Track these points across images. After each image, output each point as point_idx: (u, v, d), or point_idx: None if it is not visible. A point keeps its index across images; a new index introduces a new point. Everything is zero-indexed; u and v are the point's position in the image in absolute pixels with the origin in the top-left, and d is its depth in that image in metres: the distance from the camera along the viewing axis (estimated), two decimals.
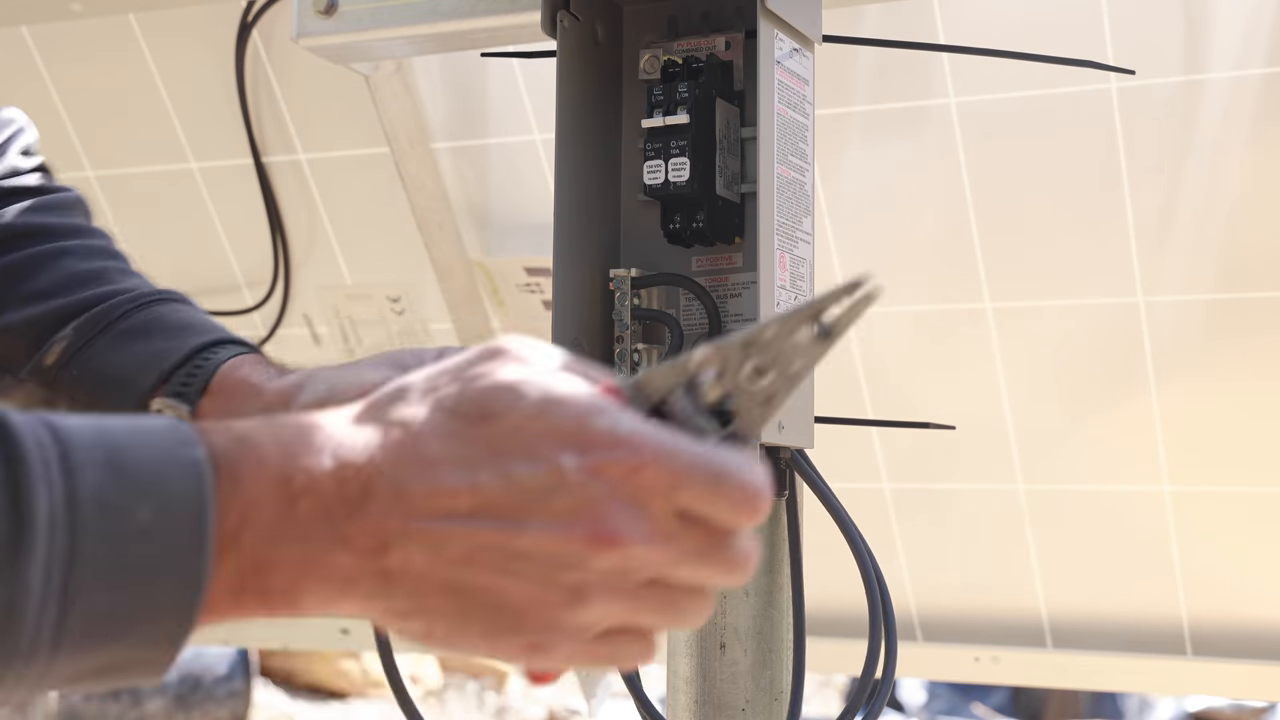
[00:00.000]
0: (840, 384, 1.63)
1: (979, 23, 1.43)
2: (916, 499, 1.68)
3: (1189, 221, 1.46)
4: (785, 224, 0.90)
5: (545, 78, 0.98)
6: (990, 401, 1.59)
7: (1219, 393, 1.52)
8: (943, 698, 3.73)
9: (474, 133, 1.66)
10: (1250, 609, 1.60)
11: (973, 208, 1.51)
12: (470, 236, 1.71)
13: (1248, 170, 1.42)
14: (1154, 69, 1.40)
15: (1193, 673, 1.65)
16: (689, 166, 0.91)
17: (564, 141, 0.95)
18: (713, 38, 0.96)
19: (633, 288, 0.95)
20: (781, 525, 0.93)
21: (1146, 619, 1.64)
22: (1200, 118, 1.41)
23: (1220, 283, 1.47)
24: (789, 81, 0.91)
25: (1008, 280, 1.54)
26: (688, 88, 0.92)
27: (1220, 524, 1.57)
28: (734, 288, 0.95)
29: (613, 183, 0.99)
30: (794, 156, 0.92)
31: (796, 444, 0.90)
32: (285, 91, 1.68)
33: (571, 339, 0.93)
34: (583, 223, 0.96)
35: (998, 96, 1.46)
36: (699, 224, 0.92)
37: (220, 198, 1.77)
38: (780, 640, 0.92)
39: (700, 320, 0.95)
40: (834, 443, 0.99)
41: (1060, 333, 1.56)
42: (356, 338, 1.79)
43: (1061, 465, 1.62)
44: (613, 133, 0.99)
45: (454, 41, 1.20)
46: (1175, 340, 1.51)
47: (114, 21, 1.69)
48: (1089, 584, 1.66)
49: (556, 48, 0.94)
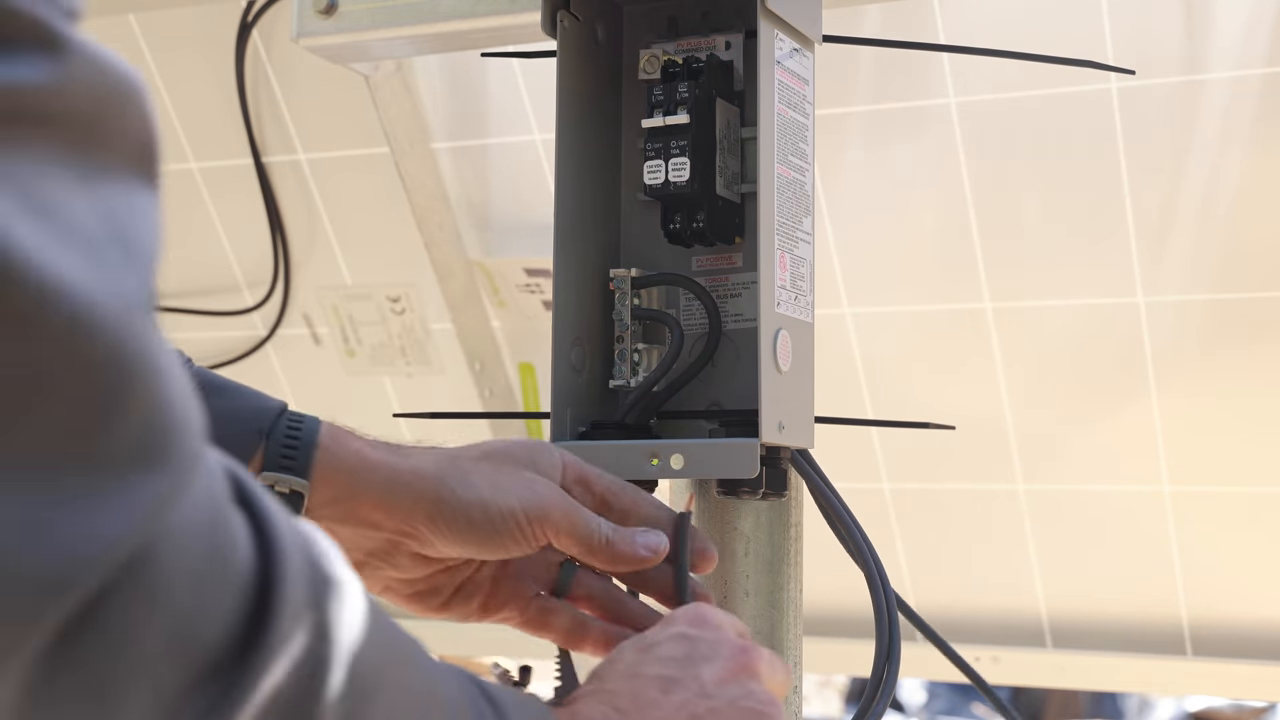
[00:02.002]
0: (840, 384, 1.63)
1: (979, 23, 1.43)
2: (916, 499, 1.68)
3: (1189, 221, 1.46)
4: (785, 224, 0.90)
5: (545, 78, 0.98)
6: (990, 401, 1.59)
7: (1219, 393, 1.52)
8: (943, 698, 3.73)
9: (474, 133, 1.66)
10: (1250, 609, 1.60)
11: (973, 208, 1.51)
12: (470, 236, 1.71)
13: (1248, 170, 1.42)
14: (1154, 69, 1.40)
15: (1193, 673, 1.64)
16: (689, 166, 0.91)
17: (564, 141, 0.95)
18: (713, 38, 0.96)
19: (633, 288, 0.95)
20: (782, 525, 0.93)
21: (1146, 619, 1.64)
22: (1200, 118, 1.41)
23: (1220, 283, 1.47)
24: (789, 81, 0.91)
25: (1008, 280, 1.54)
26: (688, 88, 0.92)
27: (1220, 524, 1.57)
28: (734, 288, 0.95)
29: (613, 183, 0.99)
30: (794, 156, 0.92)
31: (797, 444, 0.90)
32: (285, 91, 1.68)
33: (571, 339, 0.93)
34: (583, 223, 0.96)
35: (998, 96, 1.46)
36: (699, 224, 0.92)
37: (220, 198, 1.77)
38: (780, 640, 0.92)
39: (700, 320, 0.95)
40: (834, 443, 0.99)
41: (1060, 333, 1.56)
42: (356, 338, 1.79)
43: (1061, 465, 1.62)
44: (613, 133, 0.99)
45: (454, 41, 1.20)
46: (1175, 340, 1.51)
47: (114, 22, 1.69)
48: (1089, 584, 1.66)
49: (556, 48, 0.94)
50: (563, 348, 0.93)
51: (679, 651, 0.71)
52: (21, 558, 0.39)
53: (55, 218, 0.40)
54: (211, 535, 0.45)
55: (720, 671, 0.71)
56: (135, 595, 0.41)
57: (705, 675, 0.70)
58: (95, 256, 0.41)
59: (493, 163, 1.67)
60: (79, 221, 0.41)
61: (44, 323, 0.39)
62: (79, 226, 0.41)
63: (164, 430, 0.43)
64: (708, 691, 0.70)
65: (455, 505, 0.78)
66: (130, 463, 0.41)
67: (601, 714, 0.67)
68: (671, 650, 0.71)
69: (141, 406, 0.42)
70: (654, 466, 0.89)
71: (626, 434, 0.93)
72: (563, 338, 0.93)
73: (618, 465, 0.88)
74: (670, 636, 0.72)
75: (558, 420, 0.93)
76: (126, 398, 0.41)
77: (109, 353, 0.41)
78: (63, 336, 0.39)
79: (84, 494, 0.40)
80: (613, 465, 0.88)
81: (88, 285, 0.40)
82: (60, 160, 0.41)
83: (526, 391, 1.78)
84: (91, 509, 0.40)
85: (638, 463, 0.89)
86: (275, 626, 0.45)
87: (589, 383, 0.95)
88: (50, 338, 0.39)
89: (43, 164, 0.41)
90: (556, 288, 0.93)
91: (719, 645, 0.72)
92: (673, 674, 0.70)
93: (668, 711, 0.68)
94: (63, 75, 0.41)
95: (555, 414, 0.93)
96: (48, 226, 0.40)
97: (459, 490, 0.78)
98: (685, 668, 0.70)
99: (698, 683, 0.70)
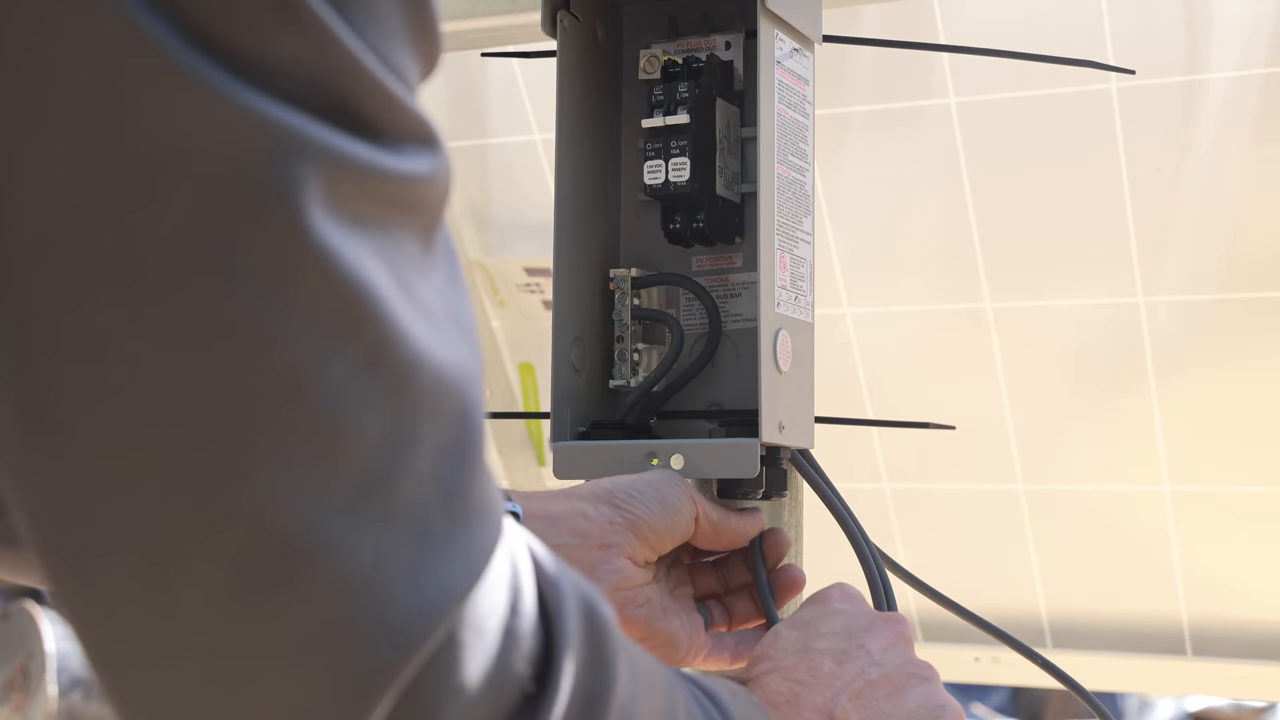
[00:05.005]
0: (840, 384, 1.63)
1: (979, 23, 1.43)
2: (916, 499, 1.68)
3: (1189, 221, 1.46)
4: (785, 224, 0.90)
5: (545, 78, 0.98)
6: (990, 401, 1.59)
7: (1219, 393, 1.52)
8: None
9: (474, 133, 1.66)
10: (1250, 609, 1.60)
11: (973, 208, 1.51)
12: (470, 236, 1.71)
13: (1248, 170, 1.42)
14: (1154, 69, 1.40)
15: (1193, 673, 1.65)
16: (689, 166, 0.91)
17: (564, 141, 0.95)
18: (713, 38, 0.96)
19: (633, 288, 0.95)
20: (782, 525, 0.93)
21: (1146, 619, 1.64)
22: (1200, 118, 1.41)
23: (1220, 283, 1.47)
24: (789, 81, 0.91)
25: (1008, 280, 1.54)
26: (688, 88, 0.92)
27: (1220, 524, 1.57)
28: (734, 288, 0.95)
29: (613, 183, 0.99)
30: (794, 156, 0.92)
31: (797, 444, 0.90)
32: None
33: (571, 339, 0.93)
34: (583, 223, 0.96)
35: (998, 96, 1.46)
36: (699, 224, 0.92)
37: None
38: None
39: (700, 320, 0.95)
40: (834, 443, 0.99)
41: (1060, 333, 1.56)
42: None
43: (1061, 465, 1.62)
44: (613, 133, 0.99)
45: (454, 41, 1.20)
46: (1175, 340, 1.51)
47: None
48: (1089, 584, 1.66)
49: (556, 48, 0.94)
50: (563, 347, 0.93)
51: (839, 625, 0.78)
52: (406, 595, 0.43)
53: (413, 294, 0.44)
54: (514, 586, 0.49)
55: (883, 640, 0.78)
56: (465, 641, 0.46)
57: (870, 645, 0.77)
58: (440, 331, 0.45)
59: (493, 163, 1.67)
60: (427, 301, 0.45)
61: (415, 384, 0.44)
62: (428, 305, 0.45)
63: (493, 488, 0.48)
64: (876, 659, 0.76)
65: (622, 487, 0.83)
66: (474, 516, 0.46)
67: (788, 689, 0.73)
68: (833, 625, 0.78)
69: (480, 466, 0.47)
70: (654, 466, 0.89)
71: (626, 434, 0.93)
72: (563, 337, 0.93)
73: (618, 465, 0.88)
74: (828, 613, 0.79)
75: (558, 420, 0.93)
76: (473, 458, 0.46)
77: (459, 417, 0.45)
78: (428, 398, 0.44)
79: (446, 542, 0.45)
80: (613, 465, 0.88)
81: (442, 355, 0.45)
82: (415, 242, 0.45)
83: (526, 391, 1.78)
84: (453, 554, 0.45)
85: (638, 463, 0.89)
86: (564, 670, 0.49)
87: (589, 383, 0.95)
88: (418, 398, 0.44)
89: (405, 246, 0.45)
90: (556, 288, 0.93)
91: (873, 618, 0.79)
92: (842, 646, 0.76)
93: (846, 680, 0.74)
94: (435, 171, 0.46)
95: (555, 414, 0.93)
96: (409, 301, 0.44)
97: (616, 480, 0.84)
98: (850, 639, 0.77)
99: (865, 652, 0.76)
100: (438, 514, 0.44)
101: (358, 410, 0.42)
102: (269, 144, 0.40)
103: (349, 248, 0.42)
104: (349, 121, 0.42)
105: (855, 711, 0.74)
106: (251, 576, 0.41)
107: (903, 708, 0.75)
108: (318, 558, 0.41)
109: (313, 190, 0.41)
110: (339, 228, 0.42)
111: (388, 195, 0.44)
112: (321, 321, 0.42)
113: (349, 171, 0.42)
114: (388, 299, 0.43)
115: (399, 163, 0.44)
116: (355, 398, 0.42)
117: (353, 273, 0.42)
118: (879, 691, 0.75)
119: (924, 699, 0.76)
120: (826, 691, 0.74)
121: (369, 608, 0.42)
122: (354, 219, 0.42)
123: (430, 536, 0.44)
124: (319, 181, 0.41)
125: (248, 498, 0.41)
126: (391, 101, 0.43)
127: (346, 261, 0.42)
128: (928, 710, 0.76)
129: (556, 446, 0.92)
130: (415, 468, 0.44)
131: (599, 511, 0.81)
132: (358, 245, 0.42)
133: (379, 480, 0.43)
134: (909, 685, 0.76)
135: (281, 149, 0.40)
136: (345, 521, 0.42)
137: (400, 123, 0.44)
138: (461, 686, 0.45)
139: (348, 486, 0.42)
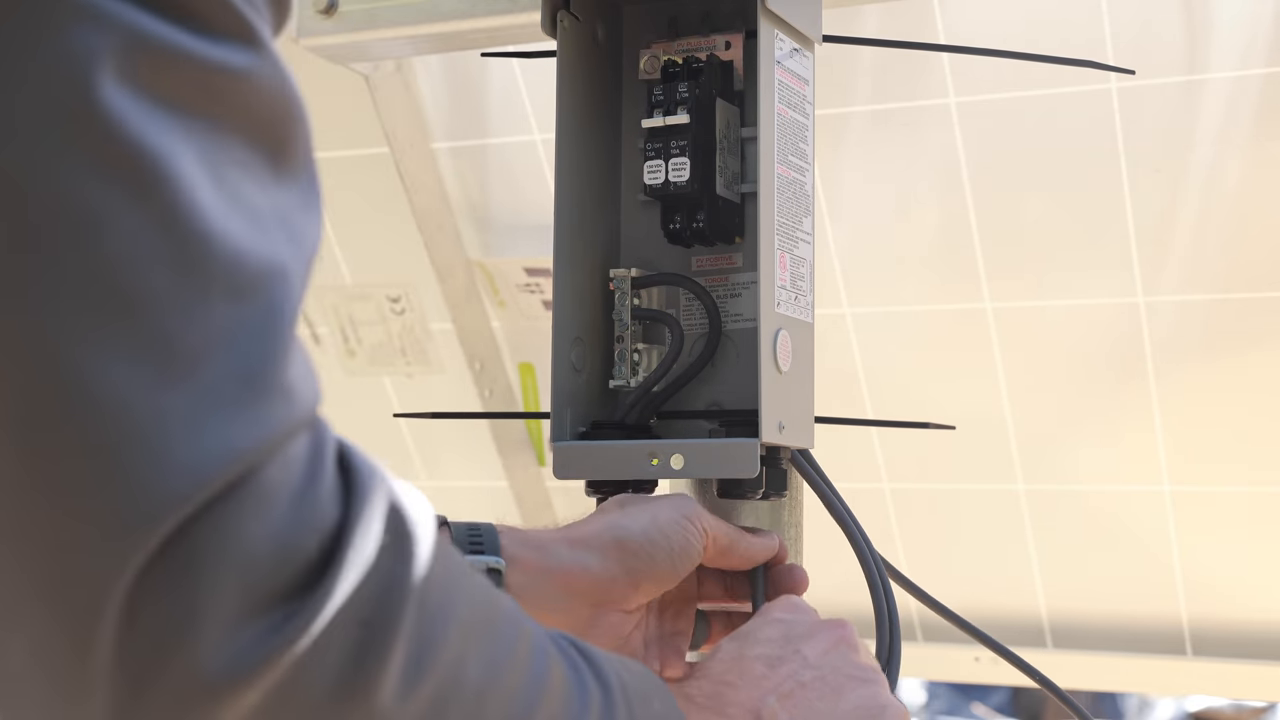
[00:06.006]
0: (840, 384, 1.63)
1: (979, 23, 1.43)
2: (916, 499, 1.68)
3: (1189, 221, 1.46)
4: (785, 224, 0.90)
5: (545, 78, 0.98)
6: (990, 401, 1.59)
7: (1219, 393, 1.52)
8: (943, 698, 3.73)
9: (474, 133, 1.66)
10: (1250, 609, 1.60)
11: (973, 208, 1.51)
12: (470, 236, 1.71)
13: (1248, 170, 1.42)
14: (1154, 69, 1.40)
15: (1193, 673, 1.64)
16: (689, 166, 0.91)
17: (564, 141, 0.95)
18: (713, 38, 0.96)
19: (633, 288, 0.95)
20: (782, 525, 0.93)
21: (1146, 619, 1.64)
22: (1200, 118, 1.41)
23: (1220, 283, 1.47)
24: (789, 81, 0.91)
25: (1008, 280, 1.54)
26: (688, 88, 0.92)
27: (1220, 524, 1.57)
28: (734, 288, 0.95)
29: (613, 183, 0.99)
30: (794, 156, 0.92)
31: (797, 444, 0.90)
32: None
33: (571, 339, 0.93)
34: (583, 223, 0.96)
35: (998, 96, 1.46)
36: (699, 224, 0.92)
37: None
38: None
39: (700, 320, 0.95)
40: (834, 443, 0.99)
41: (1060, 333, 1.55)
42: (356, 338, 1.79)
43: (1061, 465, 1.62)
44: (613, 133, 0.99)
45: (454, 41, 1.20)
46: (1175, 340, 1.51)
47: None
48: (1089, 584, 1.66)
49: (556, 48, 0.94)
50: (563, 347, 0.93)
51: (777, 633, 0.78)
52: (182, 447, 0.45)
53: (228, 186, 0.47)
54: (312, 466, 0.50)
55: (821, 645, 0.77)
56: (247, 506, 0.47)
57: (807, 650, 0.77)
58: (258, 227, 0.48)
59: (493, 163, 1.67)
60: (251, 199, 0.48)
61: (209, 257, 0.46)
62: (250, 203, 0.48)
63: (304, 378, 0.50)
64: (811, 663, 0.76)
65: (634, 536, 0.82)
66: (273, 393, 0.48)
67: (711, 688, 0.73)
68: (770, 633, 0.78)
69: (284, 356, 0.48)
70: (654, 466, 0.89)
71: (626, 434, 0.93)
72: (563, 337, 0.93)
73: (618, 465, 0.88)
74: (767, 623, 0.79)
75: (558, 420, 0.93)
76: (275, 341, 0.48)
77: (262, 301, 0.47)
78: (222, 273, 0.46)
79: (236, 407, 0.46)
80: (613, 465, 0.88)
81: (247, 241, 0.47)
82: (245, 148, 0.48)
83: (526, 391, 1.78)
84: (241, 420, 0.47)
85: (638, 463, 0.89)
86: (354, 545, 0.50)
87: (589, 383, 0.95)
88: (211, 270, 0.46)
89: (229, 144, 0.47)
90: (556, 288, 0.93)
91: (814, 625, 0.78)
92: (776, 652, 0.76)
93: (775, 681, 0.74)
94: (256, 69, 0.48)
95: (555, 414, 0.93)
96: (220, 190, 0.47)
97: (629, 523, 0.83)
98: (786, 645, 0.77)
99: (800, 656, 0.76)
100: (229, 381, 0.46)
101: (144, 267, 0.45)
102: (67, 16, 0.44)
103: (147, 120, 0.45)
104: (159, 5, 0.45)
105: (784, 711, 0.73)
106: (27, 411, 0.44)
107: (838, 709, 0.75)
108: (93, 397, 0.44)
109: (106, 59, 0.44)
110: (137, 99, 0.45)
111: (204, 85, 0.47)
112: (108, 179, 0.44)
113: (151, 48, 0.45)
114: (188, 175, 0.46)
115: (209, 50, 0.46)
116: (143, 254, 0.45)
117: (146, 140, 0.45)
118: (811, 693, 0.75)
119: (863, 700, 0.76)
120: (754, 692, 0.74)
121: (143, 453, 0.45)
122: (163, 98, 0.45)
123: (218, 398, 0.46)
124: (114, 51, 0.44)
125: (29, 334, 0.44)
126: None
127: (139, 129, 0.45)
128: (866, 711, 0.75)
129: (556, 447, 0.92)
130: (204, 334, 0.46)
131: (604, 567, 0.81)
132: (160, 121, 0.45)
133: (161, 336, 0.45)
134: (847, 687, 0.76)
135: (77, 20, 0.44)
136: (124, 367, 0.44)
137: (217, 15, 0.47)
138: (239, 547, 0.46)
139: (129, 336, 0.45)
